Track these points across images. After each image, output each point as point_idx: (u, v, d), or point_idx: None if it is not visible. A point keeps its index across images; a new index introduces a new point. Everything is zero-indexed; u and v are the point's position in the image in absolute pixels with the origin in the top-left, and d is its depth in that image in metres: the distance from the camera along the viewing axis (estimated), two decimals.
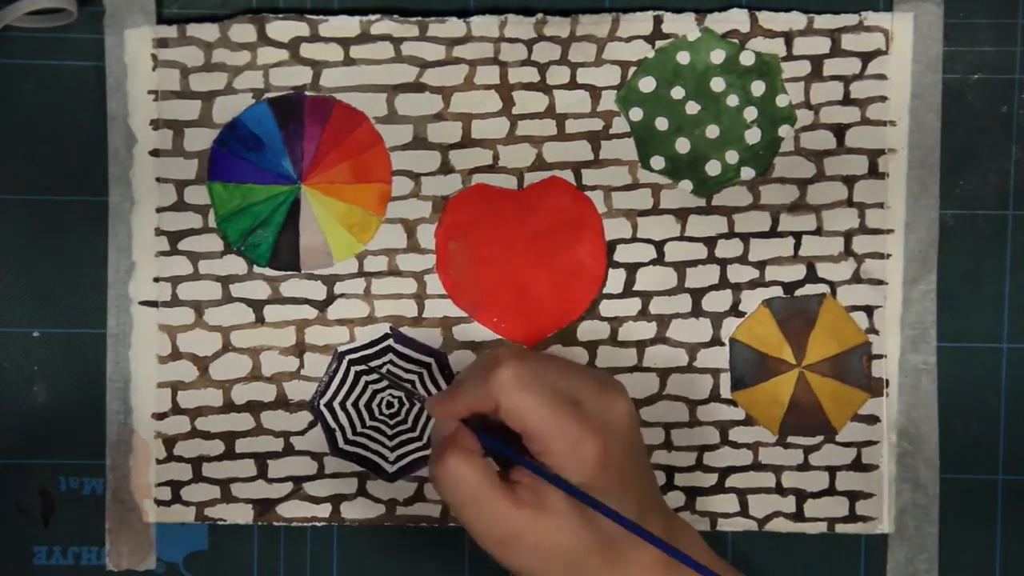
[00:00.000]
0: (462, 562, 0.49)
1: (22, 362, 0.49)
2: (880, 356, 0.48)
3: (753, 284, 0.48)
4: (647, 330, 0.48)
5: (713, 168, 0.48)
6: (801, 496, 0.49)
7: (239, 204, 0.48)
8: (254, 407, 0.48)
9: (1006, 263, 0.48)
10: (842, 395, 0.48)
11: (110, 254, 0.48)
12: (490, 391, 0.40)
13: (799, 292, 0.48)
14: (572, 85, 0.48)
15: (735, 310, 0.48)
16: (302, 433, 0.49)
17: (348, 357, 0.48)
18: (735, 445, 0.49)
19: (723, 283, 0.48)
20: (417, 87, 0.48)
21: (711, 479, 0.49)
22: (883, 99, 0.48)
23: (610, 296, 0.48)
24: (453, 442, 0.40)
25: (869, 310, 0.48)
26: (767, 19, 0.48)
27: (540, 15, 0.48)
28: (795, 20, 0.48)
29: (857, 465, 0.48)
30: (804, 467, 0.48)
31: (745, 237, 0.48)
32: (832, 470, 0.48)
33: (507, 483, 0.40)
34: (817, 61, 0.48)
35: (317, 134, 0.48)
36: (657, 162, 0.48)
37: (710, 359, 0.48)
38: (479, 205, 0.48)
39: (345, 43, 0.48)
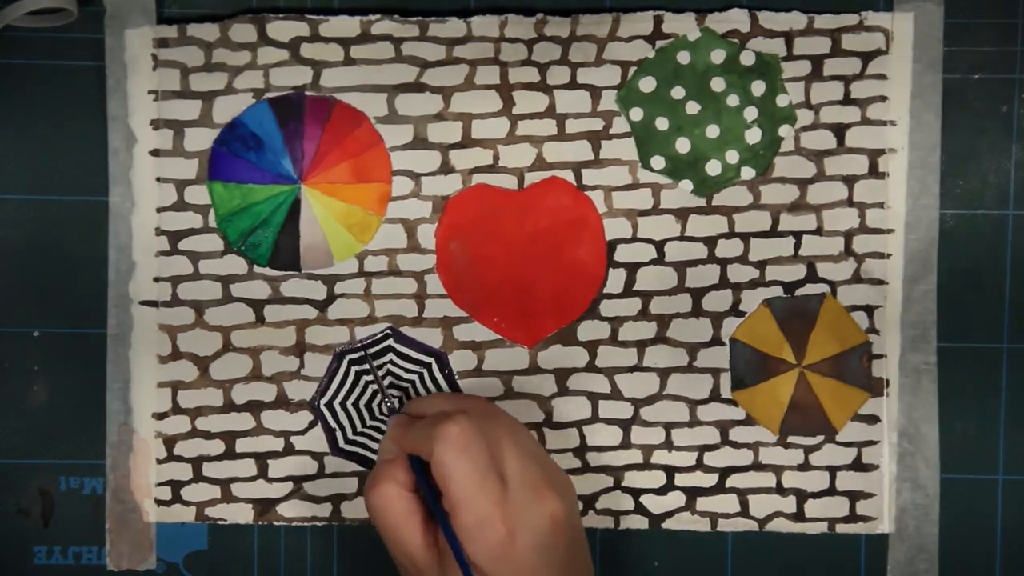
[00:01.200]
0: None
1: (22, 362, 0.49)
2: (880, 356, 0.48)
3: (753, 284, 0.48)
4: (647, 330, 0.48)
5: (713, 168, 0.48)
6: (801, 496, 0.48)
7: (239, 204, 0.48)
8: (254, 407, 0.48)
9: (1006, 263, 0.48)
10: (842, 395, 0.48)
11: (110, 254, 0.48)
12: (431, 439, 0.40)
13: (799, 292, 0.48)
14: (572, 85, 0.48)
15: (735, 310, 0.48)
16: (302, 433, 0.49)
17: (348, 357, 0.48)
18: (735, 445, 0.49)
19: (723, 283, 0.48)
20: (417, 87, 0.48)
21: (711, 479, 0.49)
22: (883, 99, 0.48)
23: (610, 296, 0.48)
24: (389, 471, 0.42)
25: (869, 310, 0.48)
26: (767, 19, 0.48)
27: (540, 15, 0.48)
28: (795, 20, 0.48)
29: (857, 465, 0.48)
30: (804, 467, 0.48)
31: (745, 237, 0.48)
32: (832, 470, 0.48)
33: (430, 522, 0.41)
34: (817, 61, 0.48)
35: (317, 134, 0.48)
36: (657, 162, 0.48)
37: (710, 359, 0.48)
38: (479, 205, 0.48)
39: (345, 43, 0.48)
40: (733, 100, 0.48)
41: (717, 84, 0.48)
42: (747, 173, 0.48)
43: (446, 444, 0.40)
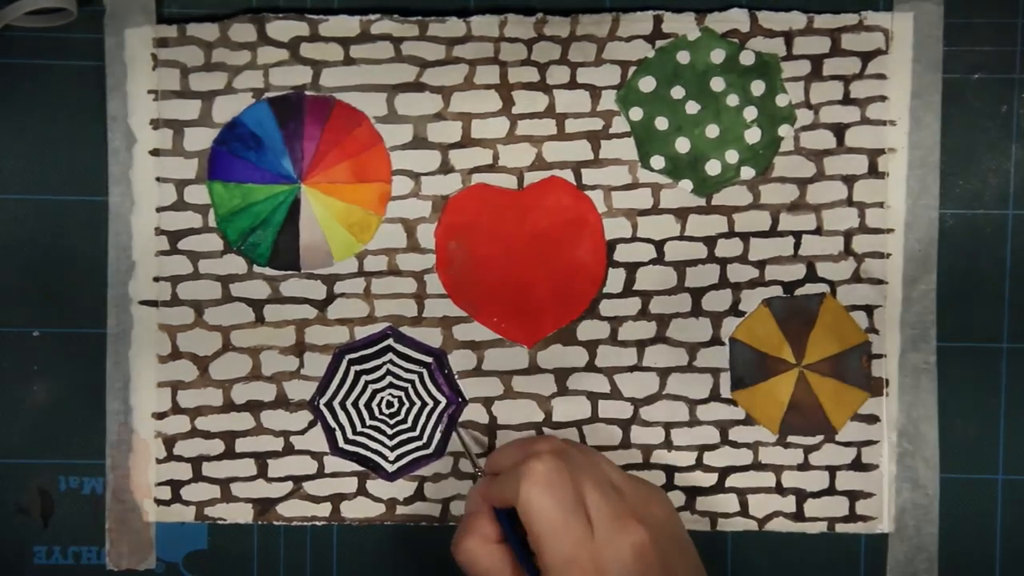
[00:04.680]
0: None
1: (22, 362, 0.49)
2: (880, 356, 0.48)
3: (753, 284, 0.48)
4: (647, 329, 0.48)
5: (713, 168, 0.48)
6: (801, 496, 0.48)
7: (239, 204, 0.48)
8: (254, 407, 0.49)
9: (1006, 263, 0.48)
10: (842, 395, 0.48)
11: (110, 254, 0.48)
12: (517, 480, 0.40)
13: (799, 292, 0.48)
14: (572, 85, 0.48)
15: (735, 309, 0.48)
16: (302, 433, 0.49)
17: (348, 356, 0.48)
18: (735, 445, 0.49)
19: (723, 283, 0.48)
20: (417, 87, 0.48)
21: (711, 479, 0.49)
22: (883, 99, 0.48)
23: (610, 296, 0.48)
24: (473, 525, 0.42)
25: (869, 309, 0.48)
26: (767, 19, 0.48)
27: (540, 15, 0.48)
28: (795, 20, 0.48)
29: (857, 465, 0.48)
30: (804, 467, 0.48)
31: (745, 237, 0.48)
32: (832, 470, 0.48)
33: (520, 571, 0.41)
34: (817, 61, 0.48)
35: (317, 134, 0.48)
36: (657, 162, 0.48)
37: (710, 359, 0.48)
38: (479, 205, 0.48)
39: (345, 43, 0.48)
40: (733, 100, 0.48)
41: (717, 84, 0.48)
42: (747, 173, 0.48)
43: (531, 482, 0.39)
